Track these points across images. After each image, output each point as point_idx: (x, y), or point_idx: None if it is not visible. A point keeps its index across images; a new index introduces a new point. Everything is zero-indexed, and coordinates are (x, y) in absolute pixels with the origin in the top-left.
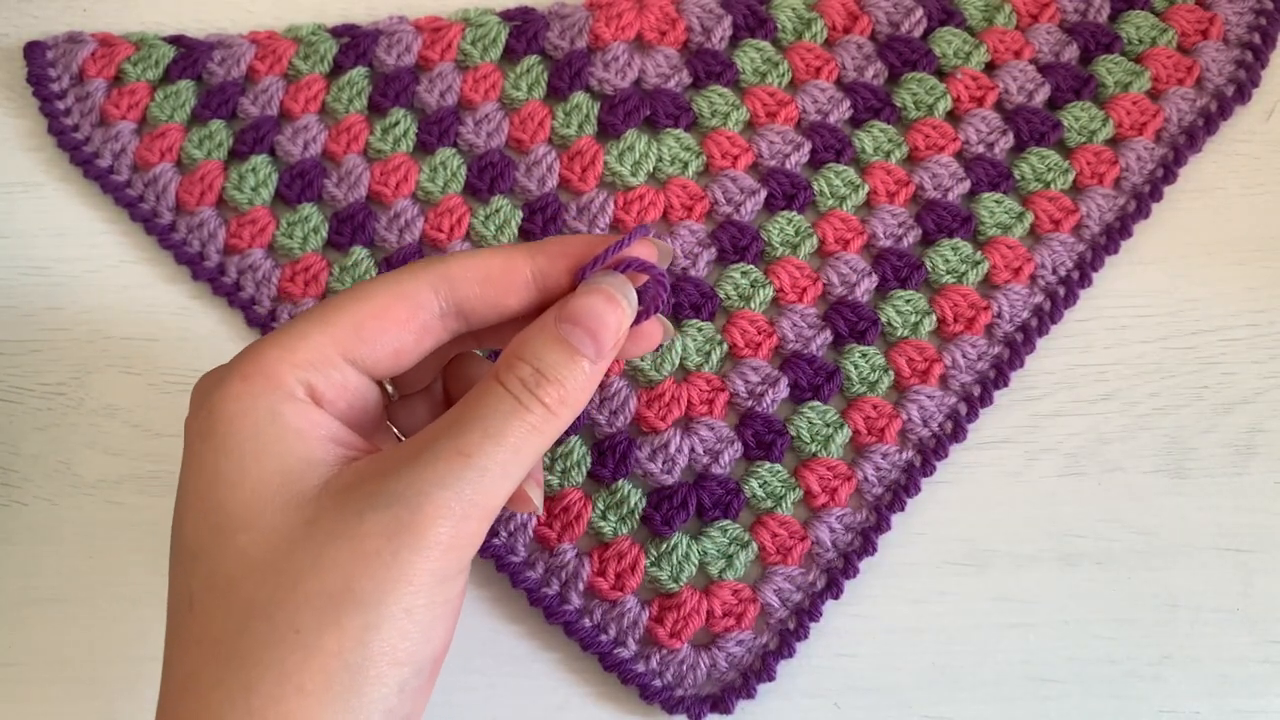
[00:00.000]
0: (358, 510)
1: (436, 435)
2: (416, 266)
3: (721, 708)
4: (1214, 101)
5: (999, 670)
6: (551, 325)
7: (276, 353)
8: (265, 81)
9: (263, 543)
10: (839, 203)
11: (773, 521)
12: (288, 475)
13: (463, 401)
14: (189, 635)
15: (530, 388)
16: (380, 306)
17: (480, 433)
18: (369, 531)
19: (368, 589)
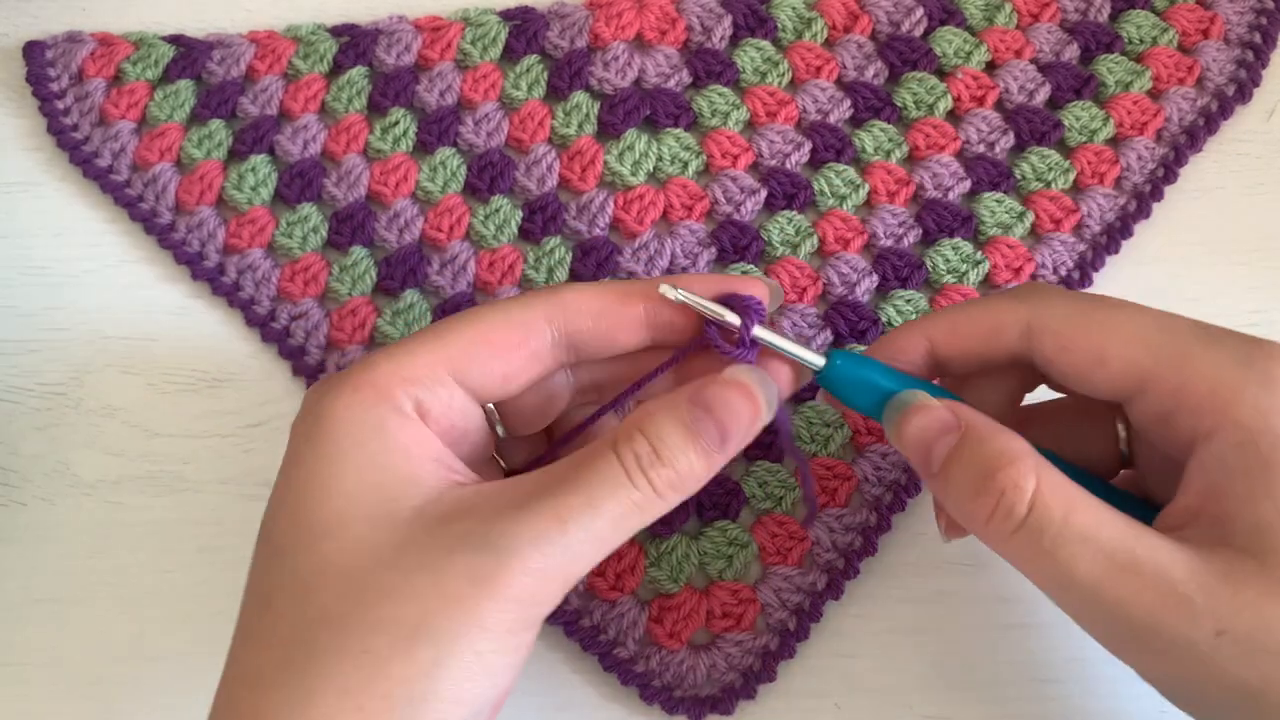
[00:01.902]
0: (448, 547)
1: (539, 490)
2: (531, 295)
3: (722, 708)
4: (1215, 101)
5: (999, 670)
6: (681, 406)
7: (389, 366)
8: (265, 81)
9: (347, 553)
10: (839, 202)
11: (772, 521)
12: (385, 490)
13: (574, 460)
14: (259, 632)
15: (644, 466)
16: (493, 330)
17: (583, 499)
18: (455, 572)
19: (443, 627)
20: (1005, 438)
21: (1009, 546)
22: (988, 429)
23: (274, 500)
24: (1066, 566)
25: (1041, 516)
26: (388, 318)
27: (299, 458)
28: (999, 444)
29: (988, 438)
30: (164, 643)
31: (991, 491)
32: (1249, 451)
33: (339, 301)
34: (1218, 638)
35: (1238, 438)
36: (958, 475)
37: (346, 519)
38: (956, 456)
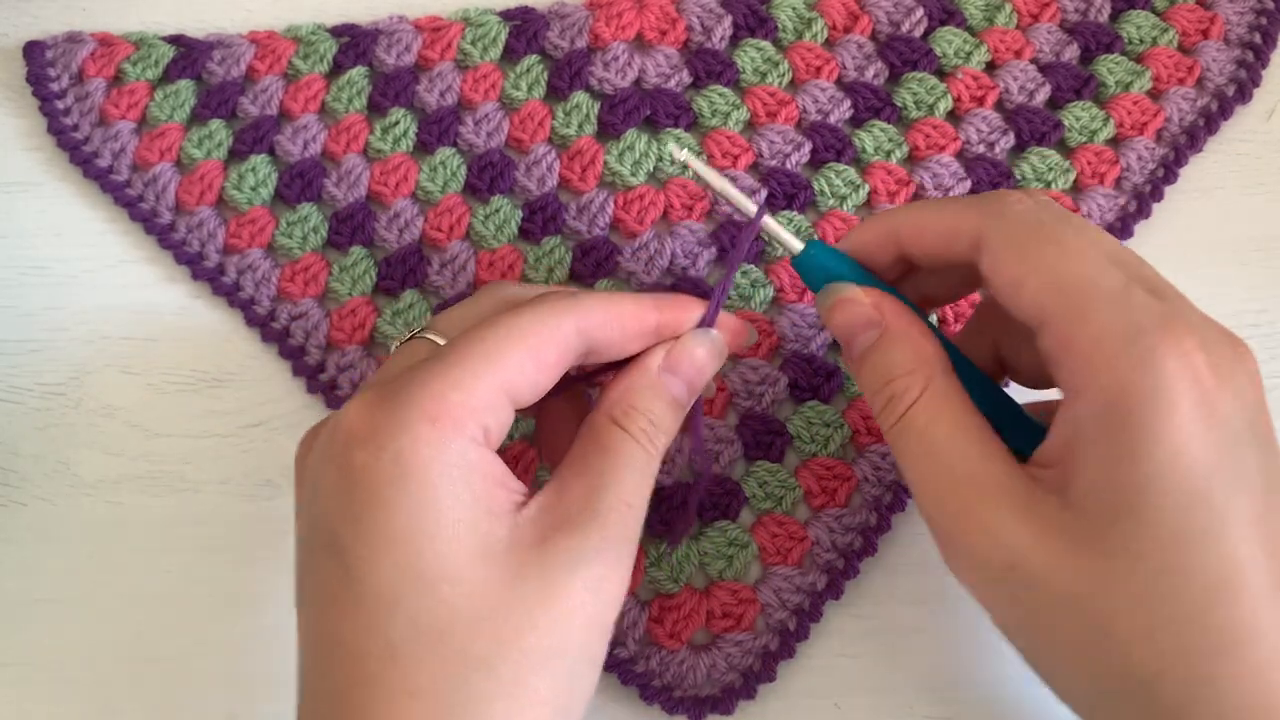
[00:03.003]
0: (564, 567)
1: (596, 487)
2: (561, 306)
3: (722, 708)
4: (1215, 101)
5: (999, 670)
6: (655, 375)
7: (458, 395)
8: (265, 81)
9: (470, 595)
10: (839, 202)
11: (772, 521)
12: (477, 525)
13: (598, 448)
14: (395, 686)
15: (650, 437)
16: (538, 349)
17: (631, 481)
18: (577, 590)
19: (577, 641)
20: (915, 344)
21: (888, 438)
22: (903, 333)
23: (366, 546)
24: (908, 468)
25: (908, 422)
26: (387, 318)
27: (388, 503)
28: (907, 350)
29: (900, 341)
30: (164, 643)
31: (884, 393)
32: (1100, 421)
33: (339, 301)
34: (1008, 571)
35: (1096, 405)
36: (868, 370)
37: (454, 561)
38: (870, 353)
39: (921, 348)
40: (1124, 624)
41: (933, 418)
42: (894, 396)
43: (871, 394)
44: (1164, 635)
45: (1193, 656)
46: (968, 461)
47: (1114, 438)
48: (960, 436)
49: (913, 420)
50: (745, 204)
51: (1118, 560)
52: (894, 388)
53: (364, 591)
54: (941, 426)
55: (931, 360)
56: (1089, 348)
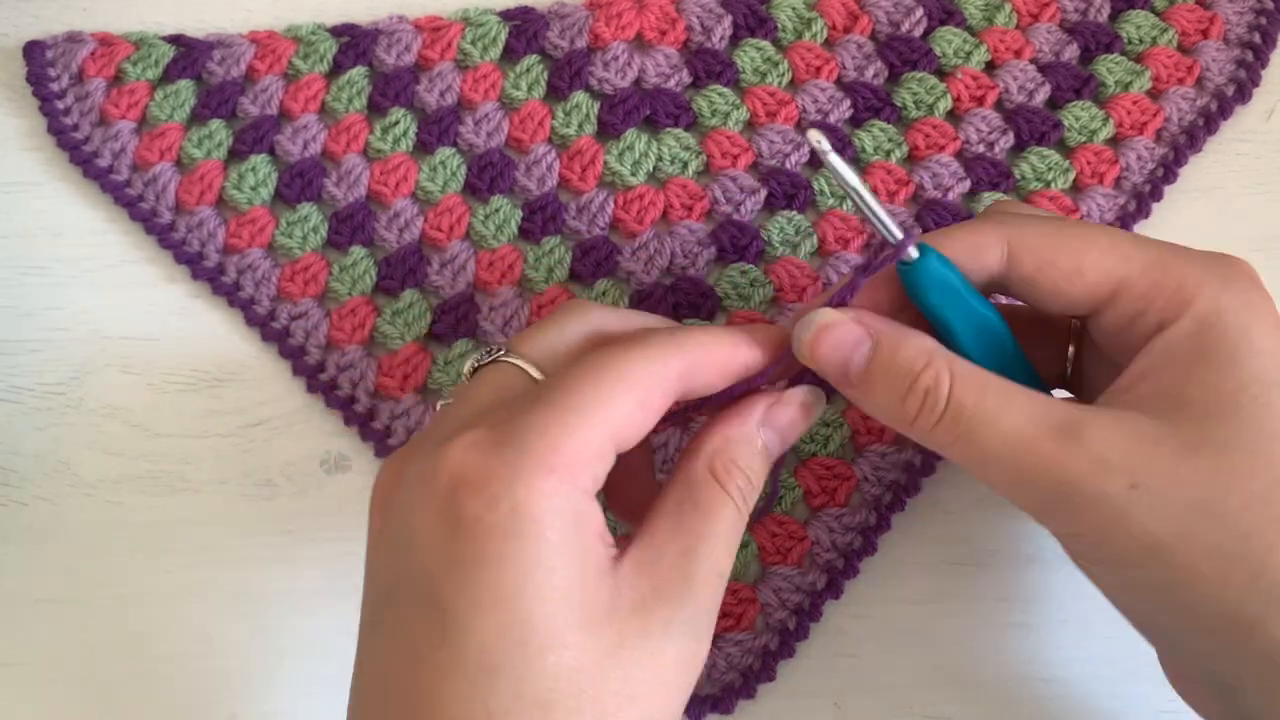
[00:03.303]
0: (660, 640)
1: (691, 550)
2: (666, 348)
3: (722, 708)
4: (1214, 101)
5: (999, 670)
6: (754, 431)
7: (575, 444)
8: (265, 81)
9: (574, 666)
10: (839, 202)
11: (772, 521)
12: (586, 587)
13: (694, 507)
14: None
15: (745, 497)
16: (645, 394)
17: (725, 548)
18: (670, 664)
19: (667, 714)
20: (915, 340)
21: (933, 437)
22: (897, 335)
23: (464, 607)
24: (981, 446)
25: (956, 406)
26: (387, 317)
27: (500, 558)
28: (912, 348)
29: (900, 343)
30: (164, 643)
31: (916, 393)
32: (1194, 339)
33: (339, 301)
34: (1131, 490)
35: (1190, 327)
36: (881, 382)
37: (561, 627)
38: (876, 366)
39: (922, 342)
40: (1254, 519)
41: (979, 392)
42: (929, 389)
43: (896, 401)
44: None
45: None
46: (1040, 412)
47: (1213, 350)
48: (1016, 396)
49: (962, 402)
50: (895, 231)
51: (1235, 455)
52: (923, 382)
53: (465, 654)
54: (991, 397)
55: (936, 349)
56: (1174, 287)
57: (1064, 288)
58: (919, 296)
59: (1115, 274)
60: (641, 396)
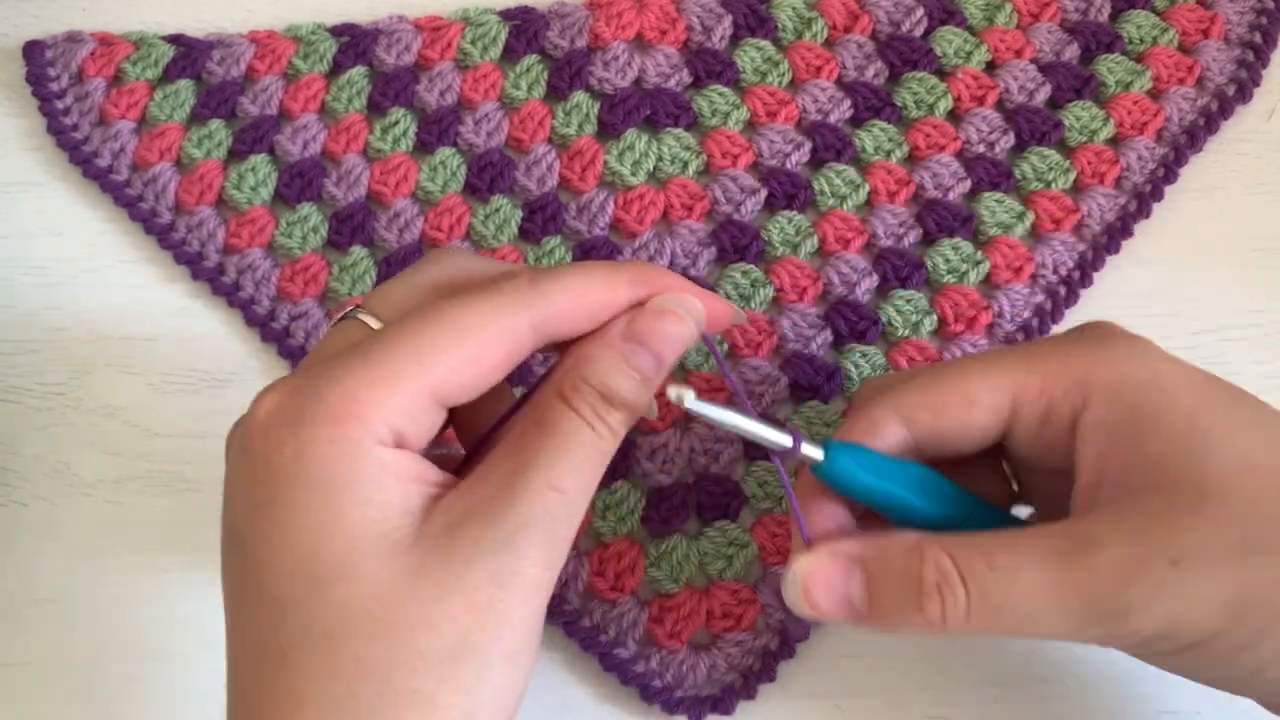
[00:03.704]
0: (465, 559)
1: (521, 467)
2: (516, 299)
3: (722, 708)
4: (1215, 101)
5: (999, 670)
6: (617, 345)
7: (371, 396)
8: (265, 81)
9: (365, 595)
10: (839, 202)
11: (772, 522)
12: (384, 524)
13: (535, 427)
14: (284, 691)
15: (601, 414)
16: (481, 349)
17: (567, 464)
18: (479, 582)
19: (478, 640)
20: (895, 539)
21: (970, 626)
22: (876, 546)
23: (261, 545)
24: (1017, 610)
25: (977, 585)
26: None
27: (286, 501)
28: (898, 550)
29: (884, 551)
30: (164, 643)
31: (932, 595)
32: (1119, 405)
33: (339, 301)
34: (1174, 567)
35: (1106, 398)
36: (890, 601)
37: (353, 560)
38: (877, 589)
39: (902, 537)
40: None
41: (984, 556)
42: (939, 583)
43: (915, 613)
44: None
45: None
46: (1048, 547)
47: (1136, 420)
48: (1016, 542)
49: (977, 577)
50: (780, 439)
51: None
52: (929, 578)
53: (261, 590)
54: (998, 555)
55: (918, 536)
56: (1065, 375)
57: (966, 422)
58: (848, 487)
59: (1004, 387)
60: (473, 351)
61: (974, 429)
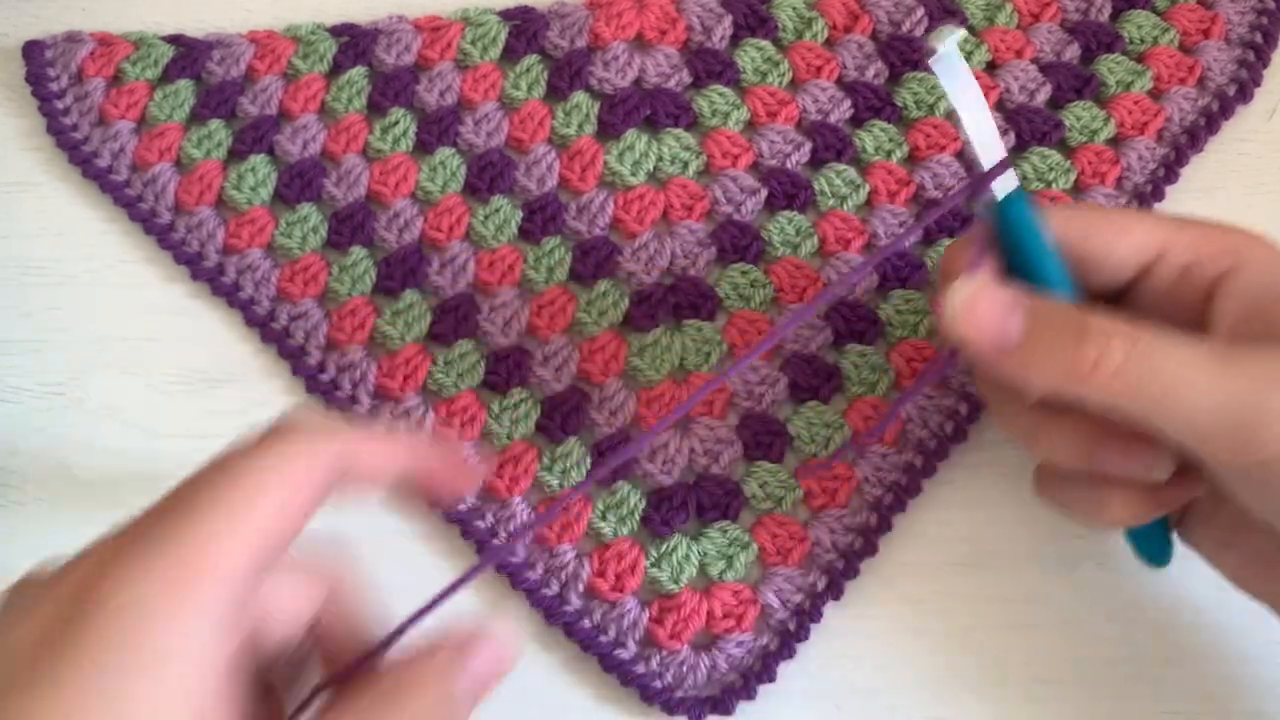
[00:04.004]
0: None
1: None
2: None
3: (722, 709)
4: (1216, 101)
5: (999, 670)
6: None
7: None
8: (264, 81)
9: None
10: (840, 202)
11: (772, 522)
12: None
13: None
14: None
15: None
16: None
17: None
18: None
19: None
20: (1057, 300)
21: (1114, 382)
22: (1038, 297)
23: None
24: (1163, 381)
25: (1137, 347)
26: (387, 318)
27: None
28: (1061, 304)
29: (1048, 302)
30: None
31: (1095, 340)
32: (1271, 275)
33: (339, 301)
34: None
35: (1259, 267)
36: (1046, 339)
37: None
38: (1040, 325)
39: (1063, 301)
40: None
41: (1137, 329)
42: (1105, 331)
43: (1068, 354)
44: None
45: None
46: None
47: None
48: (1164, 332)
49: (1143, 338)
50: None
51: None
52: (1094, 325)
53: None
54: (1149, 333)
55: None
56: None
57: (1113, 248)
58: (1017, 229)
59: (1157, 232)
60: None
61: (1116, 258)
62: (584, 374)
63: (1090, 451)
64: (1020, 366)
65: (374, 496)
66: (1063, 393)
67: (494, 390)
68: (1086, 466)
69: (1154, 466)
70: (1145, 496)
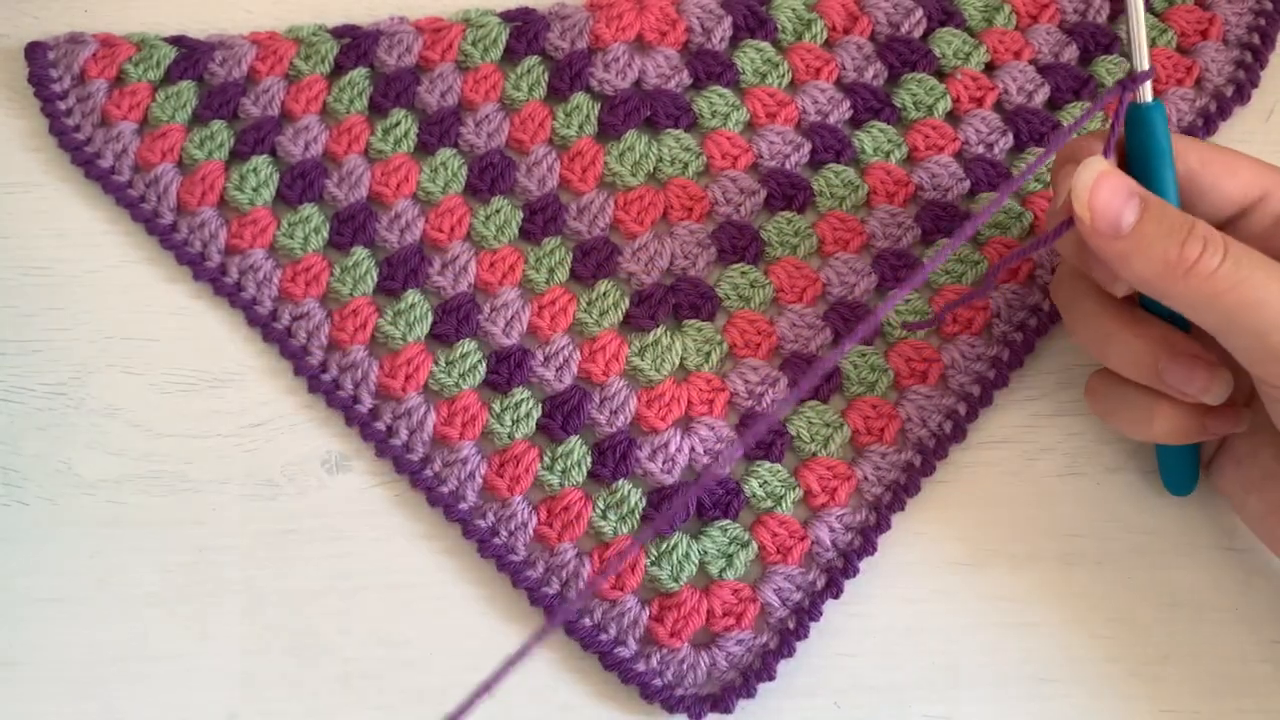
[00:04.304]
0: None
1: None
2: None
3: (721, 707)
4: (1213, 102)
5: (999, 670)
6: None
7: None
8: (266, 82)
9: None
10: (838, 203)
11: (772, 521)
12: None
13: None
14: None
15: None
16: None
17: None
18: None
19: None
20: (1170, 204)
21: (1211, 282)
22: (1156, 197)
23: None
24: (1256, 286)
25: (1235, 252)
26: (389, 318)
27: None
28: (1173, 207)
29: (1163, 203)
30: (164, 643)
31: (1197, 237)
32: None
33: (341, 302)
34: None
35: None
36: (1156, 230)
37: None
38: (1152, 217)
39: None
40: None
41: (1236, 242)
42: (1207, 236)
43: (1174, 247)
44: None
45: None
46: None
47: None
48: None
49: (1239, 249)
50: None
51: None
52: (1199, 229)
53: None
54: (1255, 252)
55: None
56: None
57: (1221, 183)
58: (1150, 137)
59: (1265, 178)
60: None
61: (1222, 194)
62: (585, 374)
63: (1155, 364)
64: (1127, 253)
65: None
66: (1158, 286)
67: (495, 390)
68: (1148, 379)
69: (1210, 389)
70: (1191, 417)
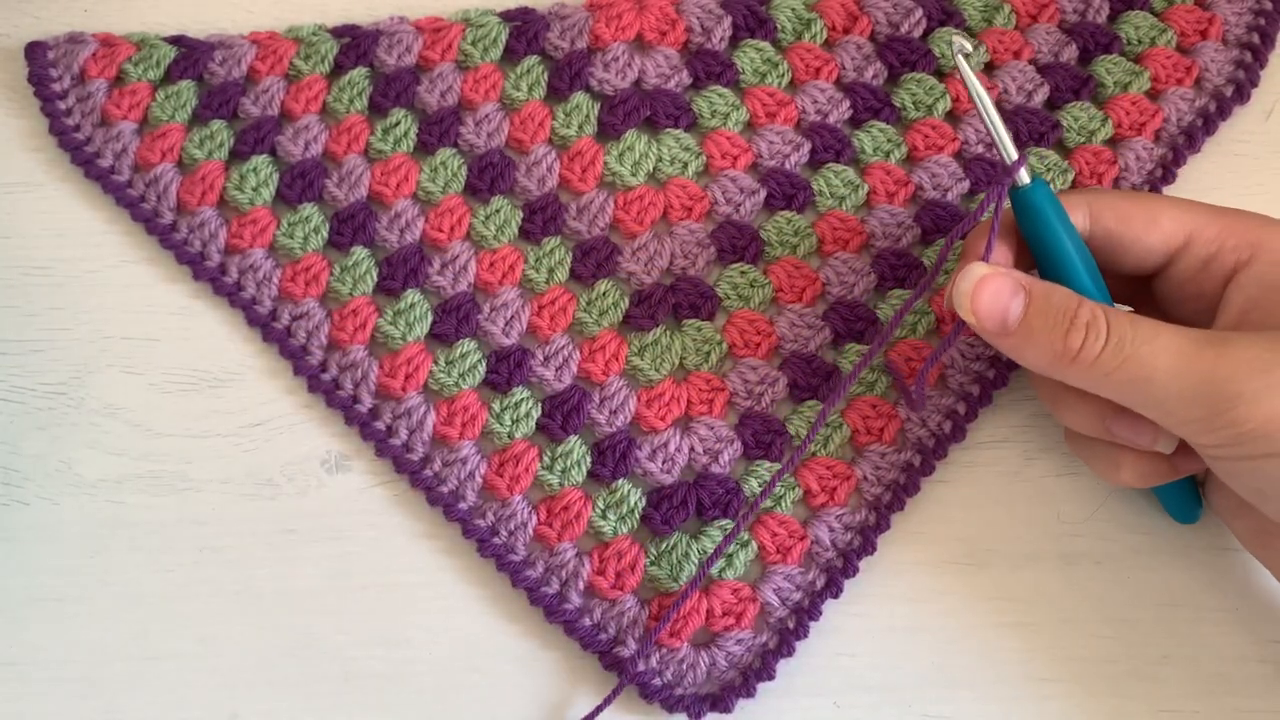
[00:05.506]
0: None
1: None
2: None
3: (721, 706)
4: (1213, 101)
5: (999, 670)
6: None
7: None
8: (266, 82)
9: None
10: (838, 203)
11: (772, 521)
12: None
13: None
14: None
15: None
16: None
17: None
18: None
19: None
20: (1059, 289)
21: (1097, 366)
22: (1042, 285)
23: None
24: (1145, 364)
25: (1118, 332)
26: (389, 318)
27: None
28: (1060, 294)
29: (1050, 291)
30: (164, 643)
31: (1079, 327)
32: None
33: (340, 301)
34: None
35: (1273, 259)
36: (1041, 324)
37: None
38: (1035, 310)
39: (1065, 289)
40: None
41: (1129, 321)
42: (1089, 323)
43: (1058, 339)
44: None
45: None
46: (1186, 331)
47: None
48: (1159, 322)
49: (1121, 328)
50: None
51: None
52: (1083, 317)
53: None
54: (1141, 324)
55: (1079, 295)
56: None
57: (1143, 237)
58: (1036, 220)
59: (1187, 223)
60: None
61: (1145, 247)
62: (585, 373)
63: (1102, 422)
64: (1018, 346)
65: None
66: (1053, 373)
67: (495, 389)
68: (1101, 435)
69: (1158, 439)
70: (1154, 464)
